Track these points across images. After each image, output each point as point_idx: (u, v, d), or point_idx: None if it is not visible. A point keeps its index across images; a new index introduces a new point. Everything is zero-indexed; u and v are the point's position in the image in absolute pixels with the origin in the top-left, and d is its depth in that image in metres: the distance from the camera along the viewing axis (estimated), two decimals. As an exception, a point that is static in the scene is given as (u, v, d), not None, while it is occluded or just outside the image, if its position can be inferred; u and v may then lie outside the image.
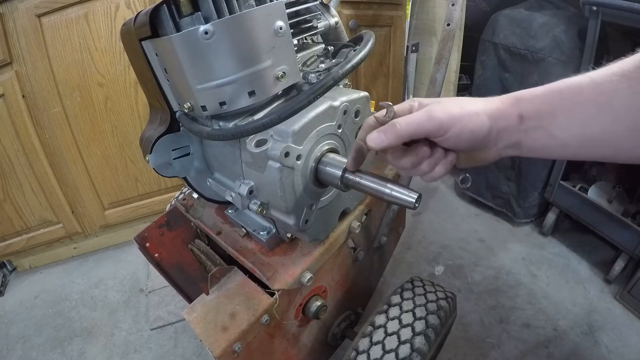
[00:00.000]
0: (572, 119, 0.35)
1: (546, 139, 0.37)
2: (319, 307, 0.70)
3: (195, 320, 0.61)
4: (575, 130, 0.35)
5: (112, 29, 1.19)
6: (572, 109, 0.35)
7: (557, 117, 0.36)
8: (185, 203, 0.84)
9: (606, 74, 0.34)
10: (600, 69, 0.35)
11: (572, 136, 0.36)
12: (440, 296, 0.74)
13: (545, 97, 0.37)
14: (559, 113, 0.36)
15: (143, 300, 1.31)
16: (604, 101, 0.33)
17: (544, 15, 1.21)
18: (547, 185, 1.37)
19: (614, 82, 0.33)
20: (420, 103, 0.42)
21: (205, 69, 0.51)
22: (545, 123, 0.36)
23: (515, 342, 1.08)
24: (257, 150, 0.53)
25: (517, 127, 0.38)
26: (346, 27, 1.41)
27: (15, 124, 1.21)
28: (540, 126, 0.37)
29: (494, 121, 0.38)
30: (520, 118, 0.38)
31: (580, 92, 0.35)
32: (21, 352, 1.18)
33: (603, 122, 0.34)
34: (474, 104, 0.39)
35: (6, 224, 1.35)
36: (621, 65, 0.33)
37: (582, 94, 0.35)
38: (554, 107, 0.36)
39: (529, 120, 0.37)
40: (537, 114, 0.37)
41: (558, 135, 0.36)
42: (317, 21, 0.68)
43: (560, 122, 0.36)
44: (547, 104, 0.37)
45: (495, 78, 1.38)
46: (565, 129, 0.36)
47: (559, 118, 0.36)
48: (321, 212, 0.63)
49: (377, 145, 0.40)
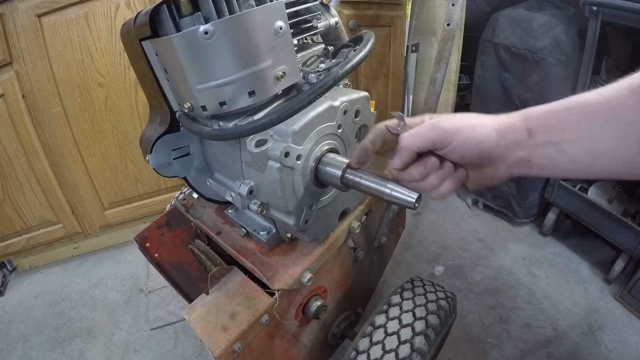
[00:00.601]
0: (581, 134, 0.35)
1: (556, 155, 0.36)
2: (319, 307, 0.70)
3: (195, 320, 0.61)
4: (585, 146, 0.35)
5: (112, 29, 1.19)
6: (581, 123, 0.35)
7: (566, 132, 0.35)
8: (185, 203, 0.84)
9: (615, 89, 0.33)
10: (609, 85, 0.34)
11: (582, 151, 0.35)
12: (440, 296, 0.74)
13: (554, 112, 0.37)
14: (568, 128, 0.35)
15: (143, 300, 1.31)
16: (614, 116, 0.33)
17: (544, 15, 1.21)
18: (547, 185, 1.37)
19: (623, 97, 0.32)
20: (431, 118, 0.42)
21: (205, 69, 0.51)
22: (555, 138, 0.36)
23: (515, 342, 1.08)
24: (257, 150, 0.53)
25: (525, 142, 0.37)
26: (346, 27, 1.41)
27: (15, 124, 1.21)
28: (549, 141, 0.36)
29: (502, 134, 0.38)
30: (529, 132, 0.37)
31: (589, 106, 0.34)
32: (21, 352, 1.18)
33: (613, 137, 0.33)
34: (481, 118, 0.39)
35: (6, 224, 1.35)
36: (630, 80, 0.33)
37: (591, 109, 0.34)
38: (563, 122, 0.36)
39: (538, 135, 0.37)
40: (546, 128, 0.36)
41: (567, 150, 0.35)
42: (317, 21, 0.68)
43: (570, 137, 0.35)
44: (556, 119, 0.36)
45: (495, 78, 1.38)
46: (575, 144, 0.35)
47: (568, 133, 0.35)
48: (321, 212, 0.63)
49: (396, 167, 0.42)
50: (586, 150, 0.35)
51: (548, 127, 0.36)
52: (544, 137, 0.36)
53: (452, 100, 1.65)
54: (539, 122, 0.37)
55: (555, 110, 0.37)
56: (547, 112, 0.37)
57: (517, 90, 1.30)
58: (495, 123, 0.38)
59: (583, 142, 0.35)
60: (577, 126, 0.35)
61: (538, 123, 0.37)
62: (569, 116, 0.36)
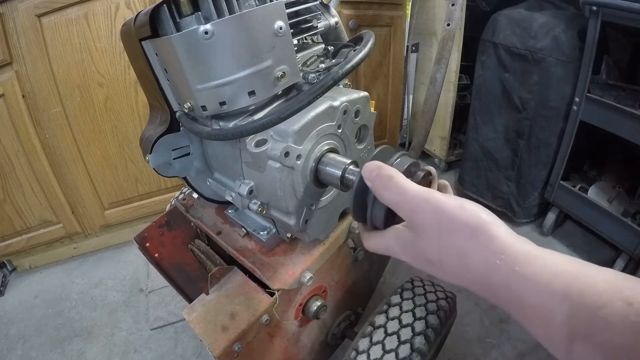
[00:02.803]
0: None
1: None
2: (319, 307, 0.70)
3: (195, 320, 0.61)
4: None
5: (112, 29, 1.19)
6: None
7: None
8: (185, 203, 0.84)
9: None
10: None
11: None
12: (440, 296, 0.74)
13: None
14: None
15: (143, 300, 1.31)
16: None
17: (544, 15, 1.21)
18: (547, 185, 1.37)
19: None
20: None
21: (205, 69, 0.51)
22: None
23: (515, 342, 1.08)
24: (257, 150, 0.53)
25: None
26: (346, 27, 1.41)
27: (15, 124, 1.21)
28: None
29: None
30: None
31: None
32: (21, 352, 1.18)
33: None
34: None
35: (6, 224, 1.35)
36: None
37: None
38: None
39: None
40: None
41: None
42: (317, 21, 0.68)
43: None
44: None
45: (495, 78, 1.38)
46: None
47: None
48: (321, 212, 0.63)
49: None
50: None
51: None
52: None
53: (452, 100, 1.65)
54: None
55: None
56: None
57: (517, 90, 1.31)
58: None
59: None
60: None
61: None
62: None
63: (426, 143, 1.51)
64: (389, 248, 0.39)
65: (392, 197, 0.36)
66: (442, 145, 1.81)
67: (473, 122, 1.51)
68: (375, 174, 0.38)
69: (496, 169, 1.47)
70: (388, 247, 0.39)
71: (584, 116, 1.17)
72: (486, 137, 1.47)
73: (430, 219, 0.33)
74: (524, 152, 1.37)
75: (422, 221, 0.34)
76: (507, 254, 0.31)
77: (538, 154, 1.33)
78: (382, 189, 0.37)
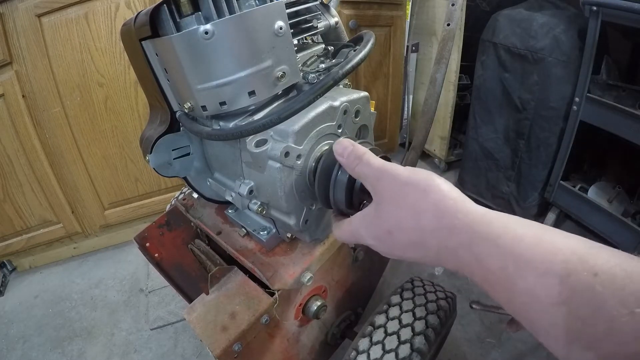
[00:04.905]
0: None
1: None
2: (319, 307, 0.70)
3: (195, 320, 0.61)
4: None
5: (112, 29, 1.19)
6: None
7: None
8: (185, 203, 0.84)
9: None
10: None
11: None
12: (440, 296, 0.74)
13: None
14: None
15: (143, 300, 1.31)
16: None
17: (544, 15, 1.21)
18: (547, 185, 1.37)
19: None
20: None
21: (205, 69, 0.51)
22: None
23: (515, 342, 1.08)
24: (257, 150, 0.53)
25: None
26: (346, 27, 1.41)
27: (15, 124, 1.21)
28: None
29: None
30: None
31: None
32: (21, 352, 1.18)
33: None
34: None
35: (6, 224, 1.35)
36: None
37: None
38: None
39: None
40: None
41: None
42: (317, 21, 0.68)
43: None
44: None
45: (495, 78, 1.38)
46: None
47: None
48: (321, 212, 0.63)
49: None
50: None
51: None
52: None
53: (452, 100, 1.65)
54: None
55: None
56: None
57: (517, 90, 1.31)
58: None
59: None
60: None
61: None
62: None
63: (426, 143, 1.51)
64: (354, 232, 0.42)
65: (362, 169, 0.40)
66: (442, 145, 1.81)
67: (473, 122, 1.51)
68: (350, 150, 0.42)
69: (496, 169, 1.47)
70: (354, 232, 0.42)
71: (584, 116, 1.17)
72: (486, 137, 1.47)
73: (388, 185, 0.37)
74: (524, 152, 1.37)
75: (382, 188, 0.38)
76: (464, 213, 0.31)
77: (538, 154, 1.33)
78: (355, 164, 0.41)
